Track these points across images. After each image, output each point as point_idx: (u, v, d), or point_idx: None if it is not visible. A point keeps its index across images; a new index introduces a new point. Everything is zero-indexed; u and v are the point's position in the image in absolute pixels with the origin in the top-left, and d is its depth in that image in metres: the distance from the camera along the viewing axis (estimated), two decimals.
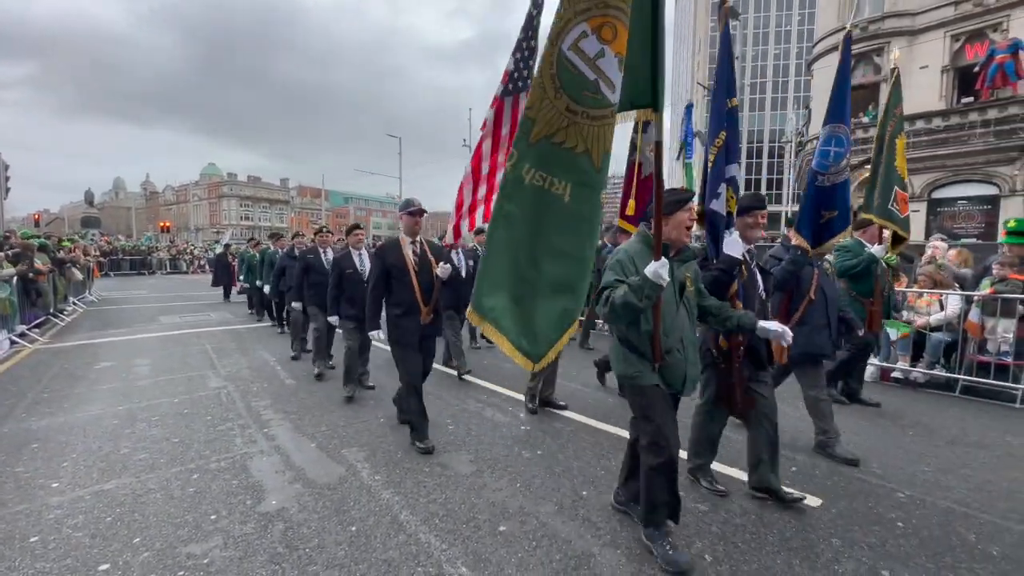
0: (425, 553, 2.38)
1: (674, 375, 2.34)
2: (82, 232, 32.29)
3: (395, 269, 3.61)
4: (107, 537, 2.51)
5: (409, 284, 3.59)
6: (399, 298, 3.61)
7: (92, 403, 4.67)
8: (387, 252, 3.67)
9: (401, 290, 3.61)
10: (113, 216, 69.23)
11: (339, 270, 4.90)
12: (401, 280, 3.60)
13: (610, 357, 2.54)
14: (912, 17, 18.06)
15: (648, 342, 2.29)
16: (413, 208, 3.66)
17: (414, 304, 3.58)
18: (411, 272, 3.59)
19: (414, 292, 3.58)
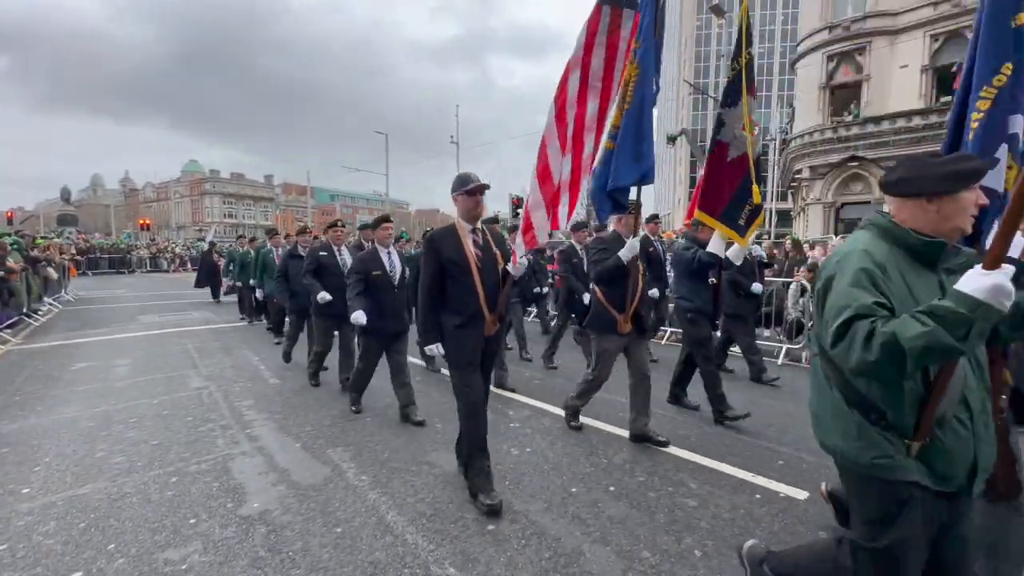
0: (412, 554, 2.34)
1: (951, 461, 1.36)
2: (58, 230, 31.44)
3: (452, 266, 2.77)
4: (80, 544, 2.42)
5: (471, 285, 2.77)
6: (458, 303, 2.80)
7: (67, 405, 4.52)
8: (441, 243, 2.81)
9: (460, 293, 2.79)
10: (91, 214, 67.52)
11: (363, 273, 4.01)
12: (460, 280, 2.78)
13: (821, 421, 1.62)
14: (893, 17, 18.40)
15: (913, 407, 1.35)
16: (473, 185, 2.76)
17: (477, 311, 2.77)
18: (474, 269, 2.77)
19: (477, 295, 2.77)
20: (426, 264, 2.84)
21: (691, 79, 54.02)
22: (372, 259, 4.09)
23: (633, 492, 2.94)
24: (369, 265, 4.06)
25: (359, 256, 4.25)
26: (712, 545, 2.41)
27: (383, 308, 4.02)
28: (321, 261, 4.87)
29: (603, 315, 3.58)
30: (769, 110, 52.43)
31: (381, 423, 4.09)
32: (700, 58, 63.70)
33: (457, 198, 2.85)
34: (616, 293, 3.51)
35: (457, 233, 2.84)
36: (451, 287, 2.80)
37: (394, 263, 4.14)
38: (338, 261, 4.91)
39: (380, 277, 4.04)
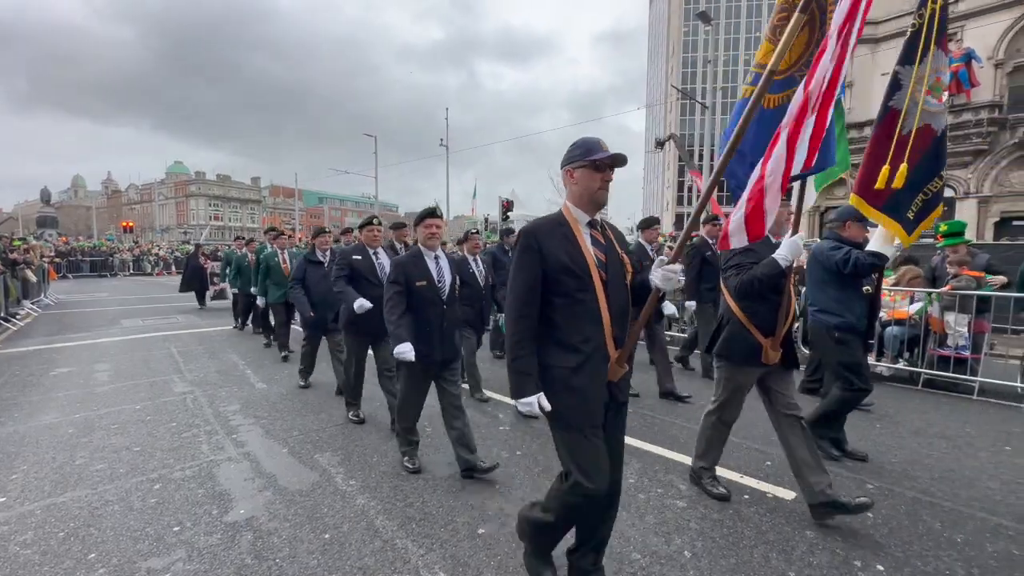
0: (402, 559, 2.32)
1: None
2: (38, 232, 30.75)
3: (566, 276, 1.80)
4: (59, 554, 2.35)
5: (592, 306, 1.81)
6: (572, 333, 1.82)
7: (46, 411, 4.41)
8: (546, 240, 1.83)
9: (575, 317, 1.81)
10: (72, 216, 66.18)
11: (403, 281, 3.10)
12: (575, 297, 1.81)
13: None
14: (874, 25, 18.82)
15: None
16: (602, 155, 1.81)
17: (600, 345, 1.81)
18: (596, 281, 1.81)
19: (601, 321, 1.81)
20: (521, 272, 1.84)
21: (679, 84, 54.66)
22: (415, 265, 3.15)
23: (623, 494, 2.93)
24: (411, 273, 3.12)
25: (397, 261, 3.24)
26: (702, 546, 2.43)
27: (429, 329, 3.11)
28: (355, 266, 4.01)
29: (743, 340, 2.74)
30: None
31: (370, 427, 4.05)
32: (687, 64, 64.53)
33: (573, 173, 1.86)
34: (762, 311, 2.71)
35: (569, 227, 1.85)
36: (560, 308, 1.82)
37: (443, 272, 3.23)
38: (375, 266, 4.05)
39: (425, 289, 3.13)
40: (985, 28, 16.35)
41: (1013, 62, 16.24)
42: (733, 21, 64.96)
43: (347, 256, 4.07)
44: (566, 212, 1.91)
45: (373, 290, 3.89)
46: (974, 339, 5.25)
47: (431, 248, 3.24)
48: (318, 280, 4.89)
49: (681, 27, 64.48)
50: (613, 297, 1.84)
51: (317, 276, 4.93)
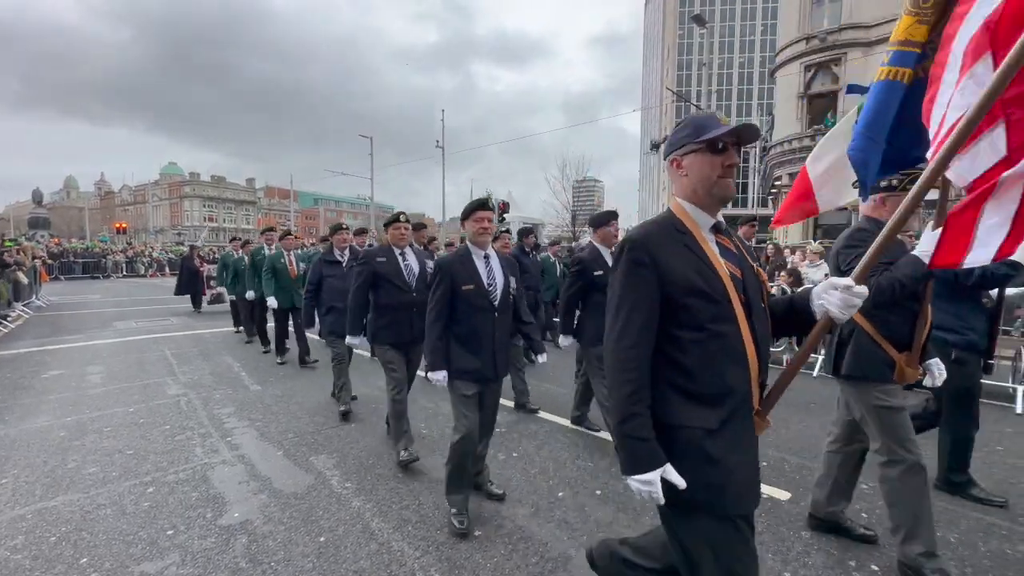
0: (398, 561, 2.31)
1: None
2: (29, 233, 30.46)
3: (695, 297, 1.30)
4: (50, 558, 2.33)
5: (735, 340, 1.30)
6: (709, 379, 1.30)
7: (38, 415, 4.36)
8: (657, 250, 1.33)
9: (713, 355, 1.30)
10: (64, 217, 65.59)
11: (447, 285, 2.63)
12: (711, 330, 1.30)
13: None
14: (867, 29, 18.99)
15: None
16: (720, 131, 1.31)
17: (746, 394, 1.33)
18: (737, 305, 1.31)
19: (746, 359, 1.31)
20: (629, 298, 1.32)
21: (674, 87, 54.92)
22: (462, 266, 2.66)
23: (620, 495, 2.95)
24: (458, 276, 2.63)
25: (442, 262, 2.73)
26: None
27: (479, 341, 2.63)
28: (379, 270, 3.50)
29: (874, 355, 2.26)
30: (749, 118, 53.57)
31: (366, 429, 4.03)
32: (682, 66, 64.88)
33: (681, 161, 1.38)
34: (895, 321, 2.25)
35: (690, 234, 1.35)
36: (690, 347, 1.29)
37: (495, 274, 2.71)
38: (401, 268, 3.54)
39: (474, 294, 2.63)
40: None
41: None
42: (727, 24, 65.39)
43: (370, 259, 3.54)
44: (679, 214, 1.38)
45: (400, 295, 3.49)
46: None
47: (481, 246, 2.72)
48: (338, 282, 4.52)
49: (676, 30, 64.88)
50: (758, 327, 1.33)
51: (337, 277, 4.57)
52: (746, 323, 1.31)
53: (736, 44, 65.50)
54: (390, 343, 3.48)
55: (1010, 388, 5.00)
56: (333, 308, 4.54)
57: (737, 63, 65.33)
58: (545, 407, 4.49)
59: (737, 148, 1.35)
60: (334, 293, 4.53)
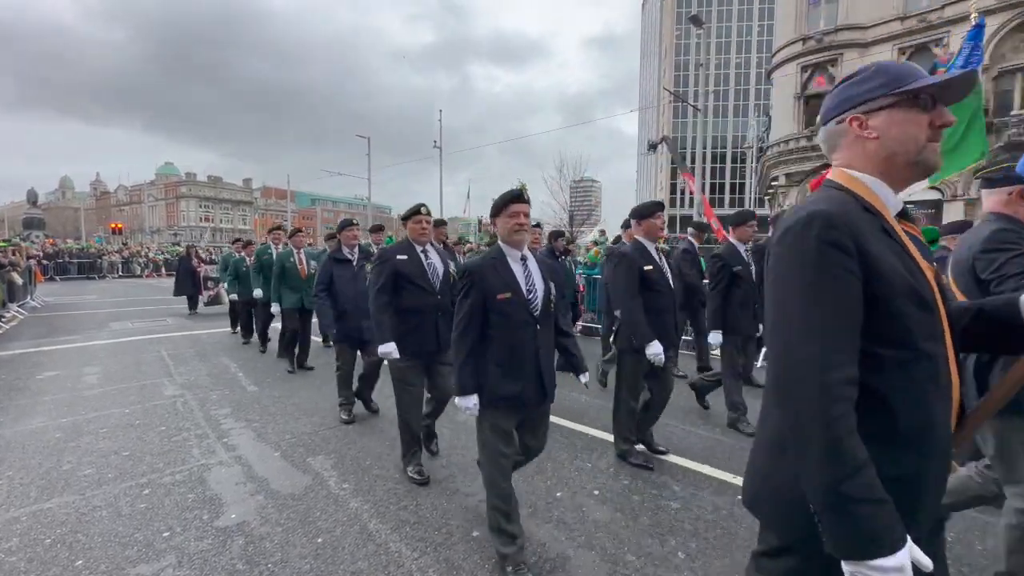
0: (396, 563, 2.30)
1: None
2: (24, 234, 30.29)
3: (909, 302, 0.92)
4: (45, 561, 2.31)
5: (943, 362, 0.96)
6: (911, 415, 0.92)
7: (33, 416, 4.33)
8: (859, 232, 0.92)
9: (919, 384, 0.93)
10: (59, 217, 65.34)
11: (478, 294, 2.20)
12: (920, 349, 0.92)
13: None
14: (863, 30, 19.07)
15: None
16: (927, 81, 0.97)
17: (947, 436, 0.98)
18: (942, 310, 0.98)
19: (951, 389, 0.98)
20: (827, 290, 0.91)
21: (671, 87, 55.07)
22: (495, 271, 2.25)
23: (617, 496, 2.95)
24: (490, 282, 2.21)
25: (470, 266, 2.28)
26: (696, 546, 2.43)
27: (520, 359, 2.23)
28: (400, 269, 3.11)
29: None
30: (746, 119, 53.77)
31: (363, 430, 4.02)
32: (680, 67, 65.02)
33: (867, 120, 1.02)
34: None
35: (881, 216, 1.01)
36: (892, 372, 0.93)
37: (534, 279, 2.30)
38: (425, 267, 3.17)
39: (510, 304, 2.22)
40: None
41: (998, 67, 16.52)
42: (724, 25, 65.57)
43: (388, 257, 3.13)
44: (858, 189, 1.01)
45: (424, 298, 3.12)
46: None
47: (517, 246, 2.29)
48: (347, 282, 4.24)
49: (673, 30, 65.00)
50: (954, 343, 1.03)
51: (346, 277, 4.26)
52: (950, 339, 0.99)
53: (733, 45, 65.68)
54: (412, 352, 3.07)
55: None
56: (345, 311, 4.18)
57: (734, 64, 65.51)
58: None
59: None
60: (345, 295, 4.22)
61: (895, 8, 18.25)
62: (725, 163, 64.31)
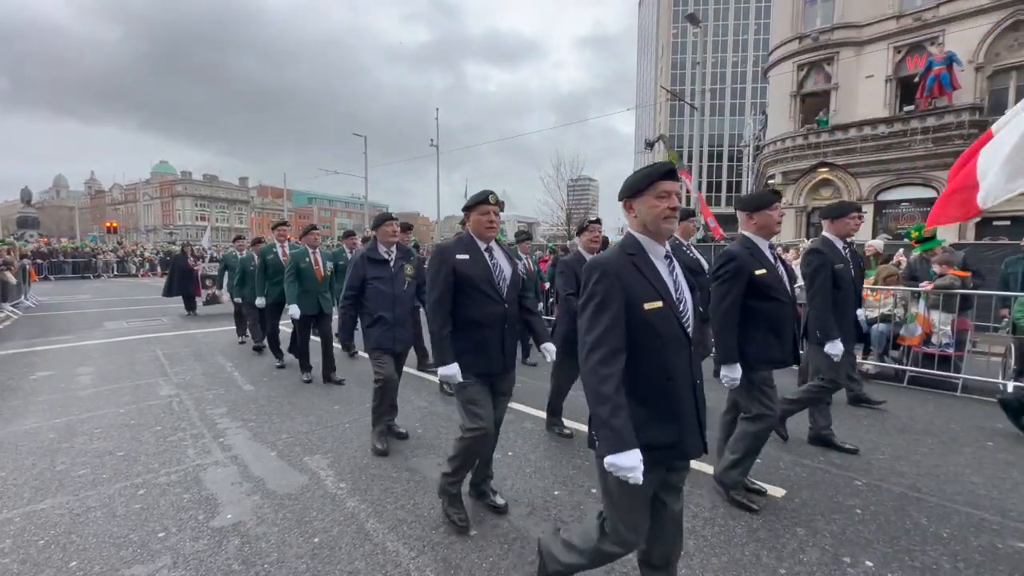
0: (393, 562, 2.29)
1: None
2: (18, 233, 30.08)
3: None
4: (39, 562, 2.29)
5: None
6: None
7: (26, 416, 4.30)
8: None
9: None
10: (54, 216, 64.82)
11: (619, 303, 1.58)
12: None
13: None
14: (858, 29, 19.11)
15: None
16: None
17: None
18: None
19: None
20: None
21: (668, 86, 55.08)
22: (638, 272, 1.67)
23: None
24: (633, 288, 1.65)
25: (600, 261, 1.69)
26: (693, 544, 2.43)
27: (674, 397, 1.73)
28: (461, 271, 2.51)
29: None
30: (743, 117, 53.83)
31: (360, 429, 4.00)
32: (677, 65, 65.05)
33: None
34: None
35: None
36: None
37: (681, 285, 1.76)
38: (491, 269, 2.56)
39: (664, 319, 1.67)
40: (966, 32, 16.67)
41: (993, 66, 16.58)
42: (721, 23, 65.62)
43: (446, 255, 2.54)
44: None
45: (490, 307, 2.52)
46: (957, 337, 5.35)
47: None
48: (383, 285, 3.63)
49: (670, 29, 65.00)
50: None
51: (382, 280, 3.64)
52: None
53: (730, 43, 65.75)
54: (476, 373, 2.52)
55: (1000, 384, 5.05)
56: (381, 319, 3.60)
57: (731, 62, 65.59)
58: (541, 406, 4.48)
59: None
60: (381, 299, 3.62)
61: (890, 7, 18.28)
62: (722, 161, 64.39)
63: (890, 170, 18.26)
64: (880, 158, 18.22)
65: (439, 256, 2.58)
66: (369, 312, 3.64)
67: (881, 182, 18.60)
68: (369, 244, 3.83)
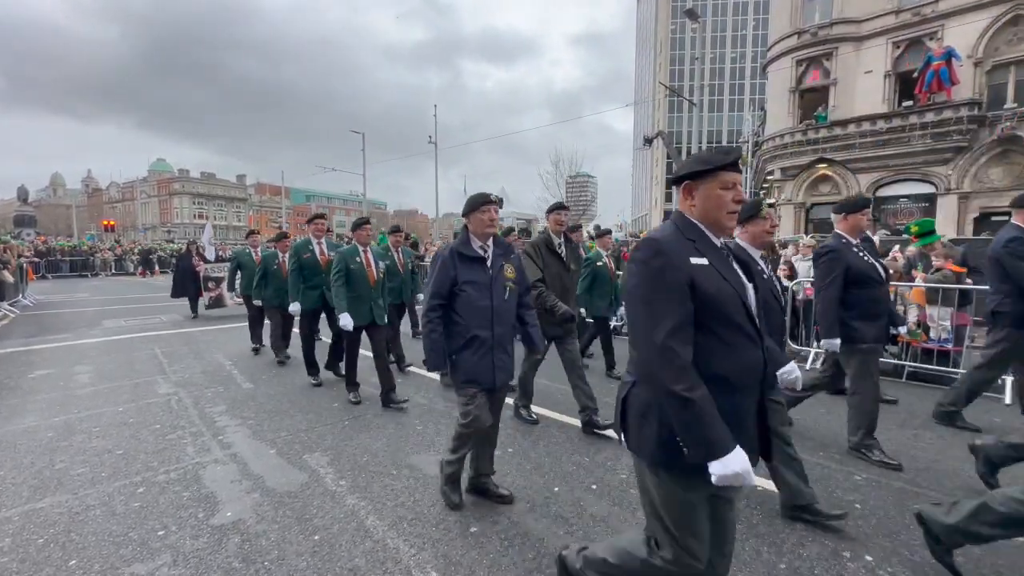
0: (393, 559, 2.29)
1: None
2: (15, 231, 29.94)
3: None
4: (38, 561, 2.29)
5: None
6: None
7: (24, 415, 4.29)
8: None
9: None
10: (51, 215, 64.62)
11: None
12: None
13: None
14: (857, 24, 19.06)
15: None
16: None
17: None
18: None
19: None
20: None
21: (667, 82, 54.95)
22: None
23: (615, 489, 2.95)
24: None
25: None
26: None
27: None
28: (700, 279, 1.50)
29: None
30: (741, 113, 53.76)
31: (360, 427, 4.00)
32: (675, 61, 64.88)
33: None
34: None
35: None
36: None
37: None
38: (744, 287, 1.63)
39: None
40: (965, 27, 16.64)
41: (992, 60, 16.56)
42: (720, 19, 65.45)
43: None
44: None
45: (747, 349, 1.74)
46: (956, 332, 5.35)
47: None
48: (480, 293, 2.67)
49: (669, 24, 64.81)
50: None
51: (479, 286, 2.67)
52: None
53: (728, 39, 65.60)
54: None
55: (998, 379, 5.05)
56: (475, 338, 2.64)
57: (729, 58, 65.45)
58: (541, 403, 4.48)
59: None
60: (475, 313, 2.65)
61: (889, 1, 18.24)
62: None
63: (889, 166, 18.26)
64: (879, 154, 18.22)
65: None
66: (457, 332, 2.68)
67: (880, 178, 18.59)
68: (460, 236, 2.83)
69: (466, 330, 2.66)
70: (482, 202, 2.68)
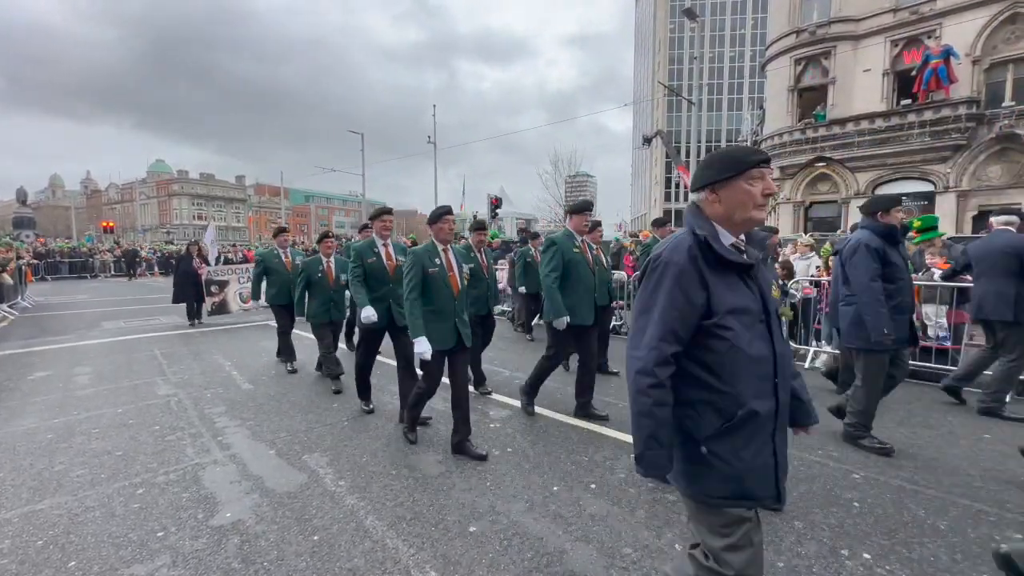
0: (392, 559, 2.29)
1: None
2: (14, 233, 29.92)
3: None
4: (37, 563, 2.29)
5: None
6: None
7: (24, 417, 4.29)
8: None
9: None
10: (50, 216, 64.56)
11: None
12: None
13: None
14: (855, 23, 19.06)
15: None
16: None
17: None
18: None
19: None
20: None
21: (665, 81, 54.93)
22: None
23: (614, 489, 2.95)
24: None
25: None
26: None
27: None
28: None
29: None
30: (740, 112, 53.75)
31: (359, 427, 4.00)
32: (674, 60, 64.87)
33: None
34: None
35: None
36: None
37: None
38: None
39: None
40: (963, 25, 16.64)
41: (990, 59, 16.56)
42: (718, 18, 65.46)
43: None
44: None
45: None
46: (954, 330, 5.36)
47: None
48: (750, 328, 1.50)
49: (668, 24, 64.80)
50: None
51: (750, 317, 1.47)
52: None
53: (727, 38, 65.60)
54: None
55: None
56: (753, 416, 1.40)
57: (728, 57, 65.46)
58: (539, 402, 4.48)
59: None
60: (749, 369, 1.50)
61: (887, 0, 18.24)
62: None
63: (887, 164, 18.26)
64: (877, 152, 18.21)
65: None
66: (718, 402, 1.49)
67: (878, 176, 18.59)
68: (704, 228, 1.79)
69: (735, 402, 1.39)
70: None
